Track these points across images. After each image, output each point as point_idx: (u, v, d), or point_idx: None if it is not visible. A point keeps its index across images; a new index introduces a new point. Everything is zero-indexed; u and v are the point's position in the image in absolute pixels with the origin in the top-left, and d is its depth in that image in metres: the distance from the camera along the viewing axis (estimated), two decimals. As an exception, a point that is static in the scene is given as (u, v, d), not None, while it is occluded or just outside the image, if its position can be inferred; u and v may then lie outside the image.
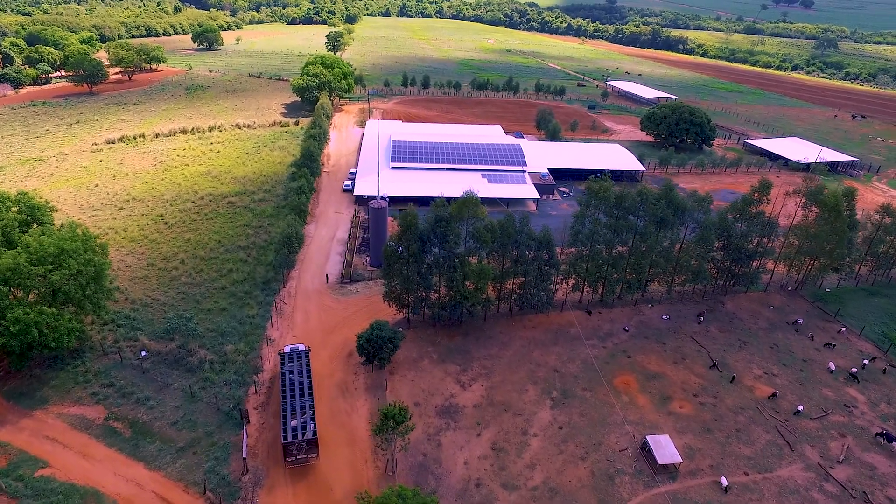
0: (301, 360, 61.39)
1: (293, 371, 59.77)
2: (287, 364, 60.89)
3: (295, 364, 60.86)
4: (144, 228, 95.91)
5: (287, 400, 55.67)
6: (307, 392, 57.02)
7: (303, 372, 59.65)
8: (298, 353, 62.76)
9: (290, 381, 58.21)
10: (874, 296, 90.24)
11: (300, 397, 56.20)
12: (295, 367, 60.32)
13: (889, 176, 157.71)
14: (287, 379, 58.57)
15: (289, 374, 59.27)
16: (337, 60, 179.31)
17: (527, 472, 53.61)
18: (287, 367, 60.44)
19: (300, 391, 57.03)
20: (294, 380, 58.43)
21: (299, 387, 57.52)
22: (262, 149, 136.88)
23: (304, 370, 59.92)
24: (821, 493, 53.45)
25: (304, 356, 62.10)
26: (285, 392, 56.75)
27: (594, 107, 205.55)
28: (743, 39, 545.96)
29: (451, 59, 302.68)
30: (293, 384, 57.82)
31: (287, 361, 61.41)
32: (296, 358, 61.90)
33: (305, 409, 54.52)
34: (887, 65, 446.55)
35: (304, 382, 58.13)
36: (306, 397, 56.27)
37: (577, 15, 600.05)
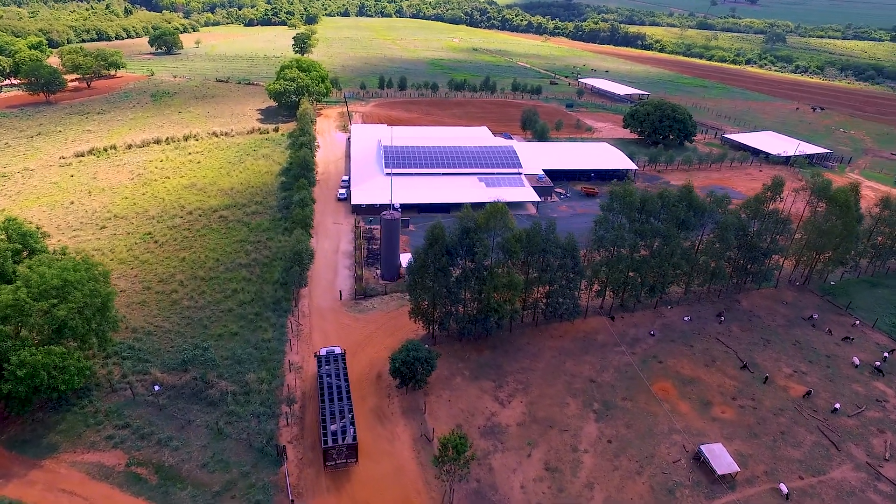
0: (338, 363, 60.33)
1: (330, 374, 58.64)
2: (324, 367, 59.75)
3: (332, 367, 59.68)
4: (133, 248, 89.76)
5: (326, 404, 54.74)
6: (345, 395, 55.98)
7: (340, 375, 58.62)
8: (335, 355, 61.62)
9: (328, 385, 57.07)
10: (876, 287, 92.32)
11: (338, 401, 55.24)
12: (332, 370, 59.14)
13: (860, 166, 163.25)
14: (325, 382, 57.49)
15: (326, 378, 58.11)
16: (313, 64, 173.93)
17: (586, 493, 51.69)
18: (324, 369, 59.38)
19: (338, 394, 56.00)
20: (332, 383, 57.36)
21: (337, 390, 56.46)
22: (246, 158, 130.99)
23: (341, 373, 58.86)
24: (877, 494, 53.46)
25: (341, 359, 61.03)
26: (323, 396, 55.83)
27: (572, 105, 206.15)
28: (697, 35, 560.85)
29: (420, 59, 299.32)
30: (331, 387, 56.74)
31: (324, 364, 60.24)
32: (332, 360, 60.75)
33: (344, 413, 53.71)
34: (832, 58, 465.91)
35: (341, 385, 57.05)
36: (345, 401, 55.31)
37: (536, 13, 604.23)
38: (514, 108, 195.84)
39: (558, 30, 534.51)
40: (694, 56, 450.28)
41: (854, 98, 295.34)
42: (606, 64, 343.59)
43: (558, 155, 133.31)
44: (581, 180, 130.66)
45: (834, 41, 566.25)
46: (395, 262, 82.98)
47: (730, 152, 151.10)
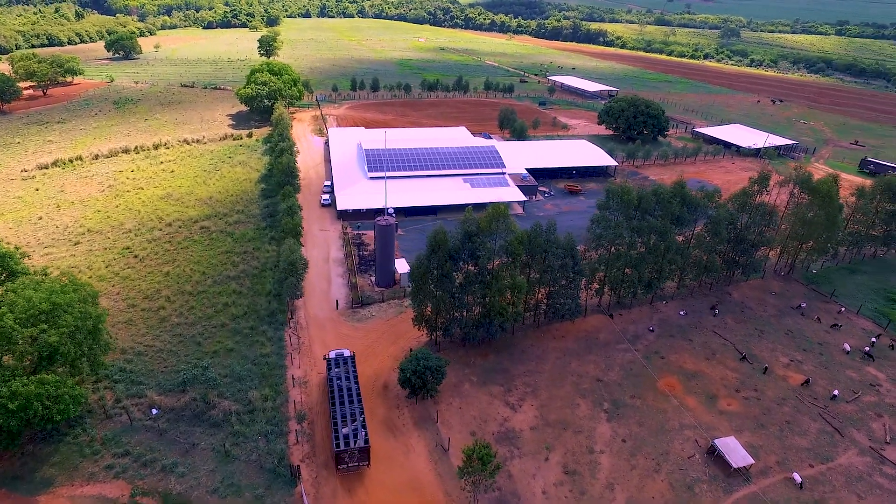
0: (347, 366, 60.18)
1: (340, 377, 58.49)
2: (333, 370, 59.56)
3: (341, 369, 59.51)
4: (112, 264, 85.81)
5: (336, 407, 54.61)
6: (356, 398, 55.84)
7: (350, 377, 58.53)
8: (344, 358, 61.42)
9: (339, 387, 56.98)
10: (855, 273, 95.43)
11: (349, 403, 55.09)
12: (342, 373, 58.97)
13: (824, 156, 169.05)
14: (335, 385, 57.34)
15: (336, 380, 57.92)
16: (285, 67, 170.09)
17: (608, 494, 51.55)
18: (333, 372, 59.18)
19: (349, 397, 55.84)
20: (342, 385, 57.27)
21: (347, 392, 56.34)
22: (221, 165, 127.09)
23: (350, 375, 58.75)
24: (883, 477, 54.95)
25: (350, 361, 60.90)
26: (334, 398, 55.72)
27: (544, 103, 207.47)
28: (656, 31, 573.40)
29: (388, 60, 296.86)
30: (341, 390, 56.63)
31: (333, 367, 60.05)
32: (342, 363, 60.58)
33: (356, 416, 53.54)
34: (784, 51, 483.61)
35: (352, 388, 56.99)
36: (356, 404, 55.19)
37: (499, 11, 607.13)
38: (488, 108, 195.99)
39: (521, 28, 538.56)
40: (654, 52, 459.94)
41: (808, 90, 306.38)
42: (572, 61, 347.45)
43: (539, 153, 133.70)
44: (562, 178, 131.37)
45: (784, 35, 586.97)
46: (390, 269, 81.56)
47: (701, 146, 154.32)
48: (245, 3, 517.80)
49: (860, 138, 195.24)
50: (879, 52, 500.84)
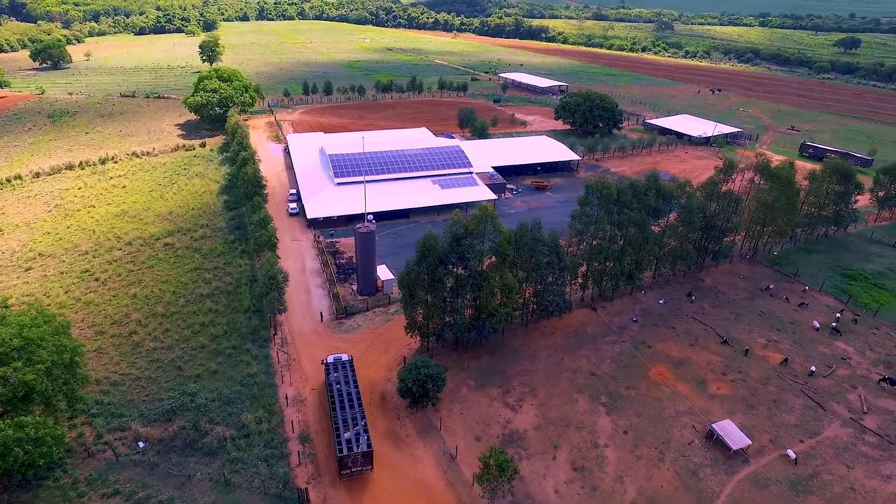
0: (346, 370, 59.95)
1: (339, 381, 58.18)
2: (332, 374, 59.19)
3: (340, 374, 59.19)
4: (71, 289, 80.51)
5: (338, 412, 54.28)
6: (356, 403, 55.57)
7: (349, 381, 58.26)
8: (342, 362, 61.22)
9: (338, 392, 56.67)
10: (812, 253, 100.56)
11: (350, 408, 54.83)
12: (340, 378, 58.63)
13: (766, 142, 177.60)
14: (334, 390, 57.02)
15: (335, 385, 57.61)
16: (234, 73, 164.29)
17: (619, 487, 52.20)
18: (332, 377, 58.79)
19: (349, 402, 55.60)
20: (342, 390, 56.98)
21: (347, 397, 56.10)
22: (177, 178, 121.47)
23: (350, 379, 58.49)
24: (867, 446, 58.01)
25: (349, 365, 60.71)
26: (334, 403, 55.42)
27: (499, 100, 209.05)
28: (594, 25, 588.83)
29: (336, 62, 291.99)
30: (341, 395, 56.36)
31: (332, 371, 59.74)
32: (340, 368, 60.32)
33: (357, 421, 53.31)
34: (715, 42, 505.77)
35: (351, 392, 56.78)
36: (356, 408, 54.90)
37: (441, 10, 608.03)
38: (444, 107, 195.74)
39: (465, 26, 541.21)
40: (594, 46, 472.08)
41: (741, 79, 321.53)
42: (518, 57, 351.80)
43: (503, 151, 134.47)
44: (527, 175, 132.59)
45: (714, 27, 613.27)
46: (372, 276, 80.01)
47: (654, 137, 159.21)
48: (178, 8, 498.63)
49: (794, 123, 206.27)
50: (799, 41, 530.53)
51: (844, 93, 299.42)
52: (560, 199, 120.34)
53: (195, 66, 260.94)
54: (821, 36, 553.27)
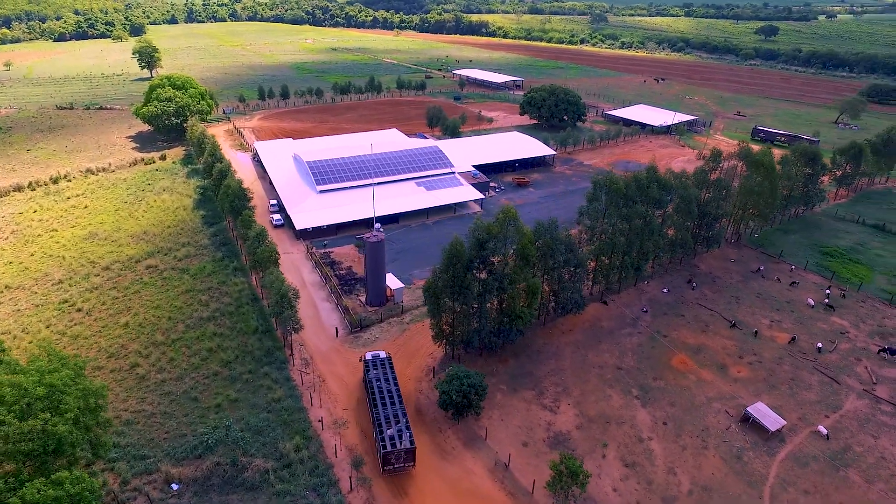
0: (385, 367, 60.28)
1: (379, 378, 58.46)
2: (371, 371, 59.51)
3: (379, 371, 59.53)
4: (53, 323, 74.13)
5: (379, 408, 54.75)
6: (397, 400, 55.95)
7: (389, 379, 58.63)
8: (381, 359, 61.46)
9: (378, 389, 57.02)
10: (788, 233, 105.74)
11: (391, 405, 55.17)
12: (380, 375, 58.94)
13: (719, 129, 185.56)
14: (374, 387, 57.35)
15: (375, 382, 58.00)
16: (188, 80, 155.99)
17: (672, 479, 52.91)
18: (372, 374, 59.07)
19: (390, 399, 55.89)
20: (381, 387, 57.34)
21: (388, 394, 56.43)
22: (144, 195, 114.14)
23: (389, 377, 58.83)
24: (885, 416, 61.37)
25: (388, 363, 61.09)
26: (375, 400, 55.81)
27: (459, 98, 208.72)
28: (531, 19, 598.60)
29: (282, 64, 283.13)
30: (381, 391, 56.67)
31: (371, 369, 60.04)
32: (379, 365, 60.59)
33: (399, 418, 53.72)
34: (648, 33, 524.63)
35: (392, 390, 57.22)
36: (397, 405, 55.26)
37: (378, 7, 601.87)
38: (406, 107, 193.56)
39: (405, 23, 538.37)
40: (535, 39, 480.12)
41: (679, 68, 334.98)
42: (464, 53, 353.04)
43: (480, 149, 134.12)
44: (506, 172, 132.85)
45: (644, 18, 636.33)
46: (382, 286, 77.78)
47: (619, 128, 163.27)
48: (99, 12, 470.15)
49: (739, 109, 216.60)
50: (723, 30, 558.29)
51: (773, 78, 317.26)
52: (543, 195, 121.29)
53: (133, 74, 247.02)
54: (741, 24, 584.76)
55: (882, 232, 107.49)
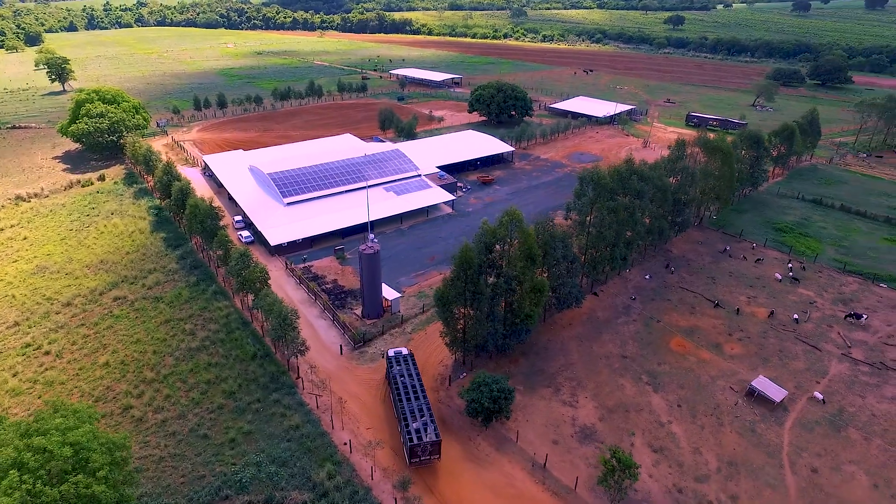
0: (408, 363, 61.86)
1: (402, 374, 59.96)
2: (395, 367, 60.95)
3: (402, 367, 61.06)
4: (20, 371, 67.33)
5: (404, 403, 56.33)
6: (421, 394, 57.54)
7: (412, 374, 60.13)
8: (403, 356, 63.14)
9: (403, 384, 58.50)
10: (742, 213, 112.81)
11: (415, 400, 56.83)
12: (403, 370, 60.46)
13: (655, 116, 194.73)
14: (399, 382, 58.85)
15: (399, 378, 59.42)
16: (119, 93, 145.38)
17: (700, 458, 55.35)
18: (395, 370, 60.55)
19: (414, 394, 57.51)
20: (406, 382, 58.82)
21: (412, 389, 58.01)
22: (90, 220, 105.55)
23: (412, 372, 60.36)
24: (865, 376, 66.97)
25: (410, 359, 62.70)
26: (399, 395, 57.34)
27: (402, 98, 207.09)
28: (453, 15, 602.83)
29: (208, 71, 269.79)
30: (406, 387, 58.22)
31: (395, 364, 61.49)
32: (402, 361, 62.14)
33: (423, 412, 55.23)
34: (567, 26, 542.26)
35: (415, 385, 58.70)
36: (421, 399, 56.88)
37: (296, 8, 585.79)
38: (350, 110, 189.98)
39: (326, 23, 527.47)
40: (459, 36, 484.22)
41: (603, 59, 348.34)
42: (394, 52, 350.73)
43: (439, 150, 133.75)
44: (468, 171, 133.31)
45: (560, 11, 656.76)
46: (379, 298, 76.13)
47: (567, 121, 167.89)
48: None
49: (668, 96, 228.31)
50: (635, 21, 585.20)
51: (687, 65, 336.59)
52: (509, 192, 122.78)
53: (42, 88, 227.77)
54: (651, 15, 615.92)
55: (820, 206, 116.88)
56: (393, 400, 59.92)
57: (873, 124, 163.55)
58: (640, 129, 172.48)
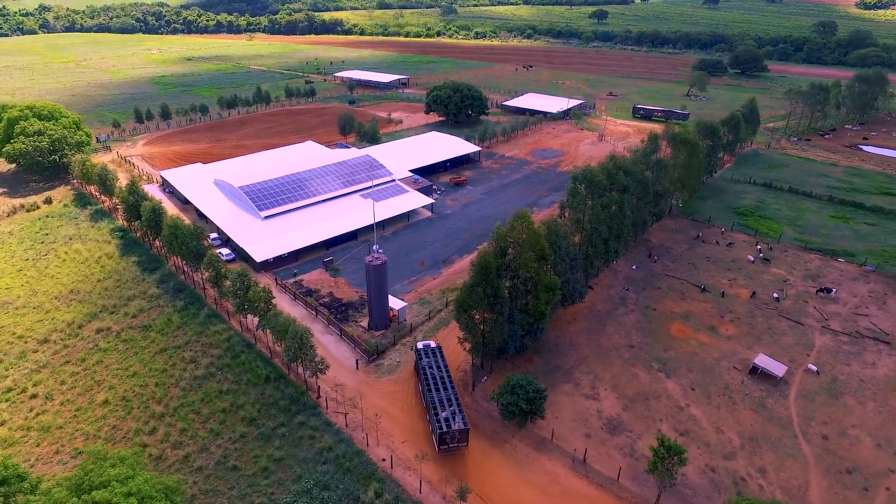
0: (436, 356, 64.60)
1: (431, 366, 62.68)
2: (424, 359, 63.67)
3: (431, 359, 63.79)
4: (7, 419, 62.08)
5: (433, 393, 58.92)
6: (449, 385, 60.14)
7: (440, 366, 62.86)
8: (431, 349, 65.86)
9: (432, 376, 61.15)
10: (705, 199, 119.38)
11: (444, 390, 59.38)
12: (432, 363, 63.24)
13: (602, 110, 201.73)
14: (428, 373, 61.47)
15: (428, 369, 62.06)
16: (55, 108, 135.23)
17: (723, 437, 58.67)
18: (424, 361, 63.35)
19: (442, 385, 60.13)
20: (434, 374, 61.50)
21: (440, 380, 60.67)
22: (48, 248, 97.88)
23: (441, 364, 63.18)
24: (846, 345, 72.94)
25: (438, 352, 65.52)
26: (429, 385, 59.99)
27: (354, 101, 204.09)
28: (383, 14, 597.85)
29: (138, 80, 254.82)
30: (434, 378, 60.92)
31: (423, 357, 64.14)
32: (430, 354, 64.86)
33: (452, 402, 57.75)
34: (497, 22, 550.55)
35: (443, 376, 61.39)
36: (449, 390, 59.46)
37: (218, 10, 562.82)
38: (304, 116, 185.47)
39: (252, 26, 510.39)
40: (392, 35, 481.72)
41: (538, 54, 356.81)
42: (331, 53, 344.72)
43: (408, 153, 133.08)
44: (438, 172, 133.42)
45: (489, 8, 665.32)
46: (385, 309, 75.31)
47: (529, 118, 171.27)
48: None
49: (610, 90, 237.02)
50: (561, 16, 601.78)
51: (618, 58, 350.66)
52: (483, 192, 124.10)
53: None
54: (575, 9, 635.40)
55: (771, 189, 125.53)
56: (421, 390, 61.96)
57: (800, 110, 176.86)
58: (591, 123, 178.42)
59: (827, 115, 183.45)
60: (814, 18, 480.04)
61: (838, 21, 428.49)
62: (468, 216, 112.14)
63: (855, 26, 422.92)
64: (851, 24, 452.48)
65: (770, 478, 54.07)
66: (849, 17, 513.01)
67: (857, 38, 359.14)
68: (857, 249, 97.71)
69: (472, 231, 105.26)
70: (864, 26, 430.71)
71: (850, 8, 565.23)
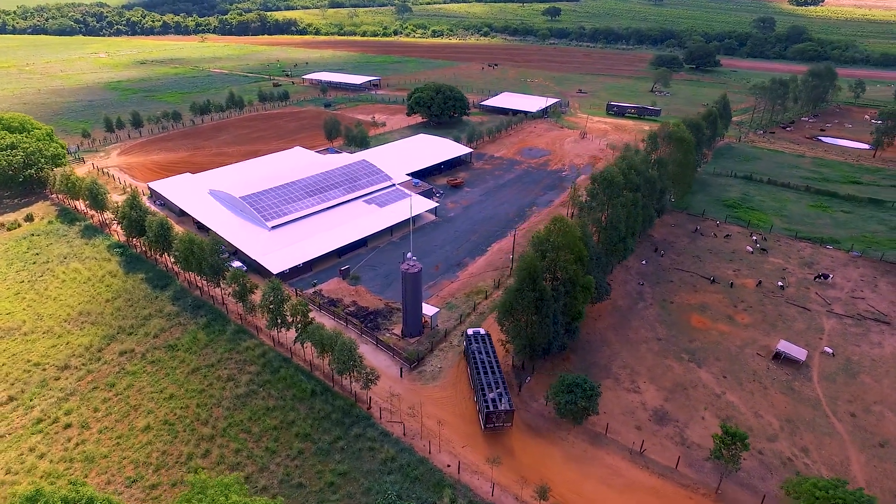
0: (485, 342, 68.87)
1: (480, 351, 66.99)
2: (473, 345, 68.12)
3: (480, 345, 68.12)
4: (45, 452, 59.37)
5: (481, 376, 62.93)
6: (497, 369, 64.44)
7: (489, 352, 67.15)
8: (481, 335, 69.99)
9: (480, 360, 65.32)
10: (693, 194, 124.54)
11: (491, 373, 63.41)
12: (481, 348, 67.57)
13: (576, 107, 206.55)
14: (476, 358, 65.66)
15: (477, 354, 66.38)
16: (25, 120, 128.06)
17: (763, 421, 62.20)
18: (474, 346, 67.76)
19: (490, 368, 64.21)
20: (483, 359, 65.67)
21: (488, 365, 64.85)
22: (43, 268, 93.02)
23: (489, 350, 67.49)
24: (852, 327, 78.27)
25: (487, 338, 69.79)
26: (478, 368, 64.08)
27: (329, 104, 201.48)
28: (336, 13, 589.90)
29: (93, 86, 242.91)
30: (482, 362, 65.06)
31: (473, 342, 68.51)
32: (479, 340, 69.10)
33: (499, 384, 61.85)
34: (454, 21, 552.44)
35: (491, 361, 65.57)
36: (497, 374, 63.58)
37: (163, 10, 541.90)
38: (281, 120, 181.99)
39: (202, 27, 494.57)
40: (348, 34, 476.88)
41: (499, 52, 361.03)
42: (292, 55, 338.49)
43: (403, 156, 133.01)
44: (432, 175, 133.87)
45: (444, 6, 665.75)
46: (419, 316, 75.70)
47: (513, 118, 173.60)
48: None
49: (579, 87, 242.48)
50: (515, 13, 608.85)
51: (576, 54, 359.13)
52: (480, 193, 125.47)
53: None
54: (528, 6, 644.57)
55: (752, 181, 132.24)
56: (470, 373, 66.14)
57: (763, 104, 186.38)
58: (570, 121, 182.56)
59: (786, 109, 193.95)
60: (753, 14, 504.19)
61: (775, 17, 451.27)
62: (471, 218, 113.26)
63: (790, 22, 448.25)
64: (787, 19, 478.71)
65: (813, 456, 57.84)
66: (783, 12, 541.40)
67: (794, 33, 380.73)
68: (841, 236, 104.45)
69: (478, 233, 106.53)
70: (799, 22, 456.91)
71: (784, 4, 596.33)
